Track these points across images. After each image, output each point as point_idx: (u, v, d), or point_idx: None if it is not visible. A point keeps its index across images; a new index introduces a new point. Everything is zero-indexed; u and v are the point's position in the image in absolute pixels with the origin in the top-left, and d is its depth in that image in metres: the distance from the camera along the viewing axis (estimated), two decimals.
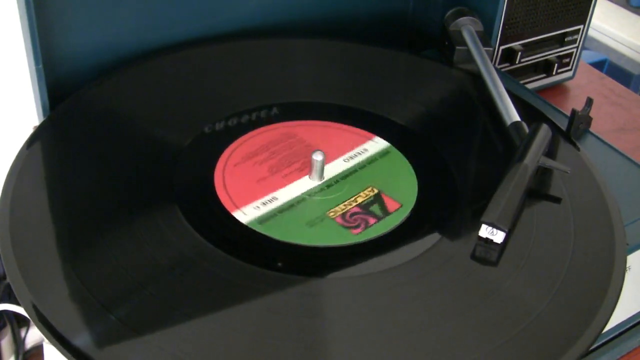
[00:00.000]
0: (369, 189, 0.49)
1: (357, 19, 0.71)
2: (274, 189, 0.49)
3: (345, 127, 0.55)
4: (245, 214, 0.46)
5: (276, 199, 0.48)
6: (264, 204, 0.47)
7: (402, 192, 0.49)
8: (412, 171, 0.51)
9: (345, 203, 0.48)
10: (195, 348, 0.37)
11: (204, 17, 0.62)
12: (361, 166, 0.51)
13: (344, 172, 0.51)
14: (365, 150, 0.53)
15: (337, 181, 0.50)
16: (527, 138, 0.51)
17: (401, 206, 0.48)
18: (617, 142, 0.59)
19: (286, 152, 0.52)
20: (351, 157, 0.52)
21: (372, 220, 0.46)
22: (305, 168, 0.50)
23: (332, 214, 0.47)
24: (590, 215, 0.48)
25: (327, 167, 0.50)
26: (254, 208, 0.47)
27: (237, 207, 0.46)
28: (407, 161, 0.52)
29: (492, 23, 0.67)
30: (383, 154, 0.52)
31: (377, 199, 0.48)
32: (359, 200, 0.48)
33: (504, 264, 0.44)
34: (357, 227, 0.46)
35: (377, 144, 0.53)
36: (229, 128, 0.54)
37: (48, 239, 0.43)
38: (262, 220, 0.46)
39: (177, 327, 0.38)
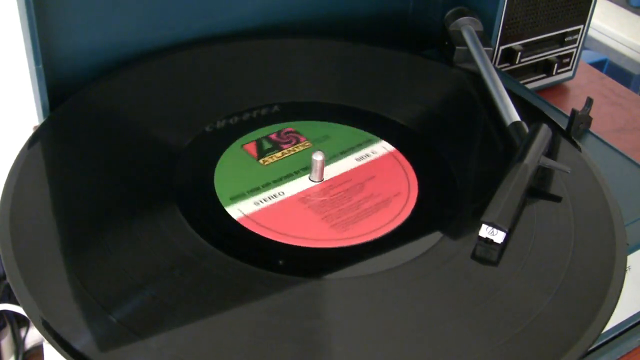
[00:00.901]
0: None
1: (357, 19, 0.71)
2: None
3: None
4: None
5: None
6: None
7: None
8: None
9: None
10: (196, 348, 0.37)
11: (204, 17, 0.62)
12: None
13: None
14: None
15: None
16: (527, 138, 0.51)
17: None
18: (617, 142, 0.59)
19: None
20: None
21: (302, 139, 0.49)
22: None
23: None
24: (591, 215, 0.48)
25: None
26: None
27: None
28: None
29: (492, 23, 0.67)
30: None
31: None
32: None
33: (504, 263, 0.44)
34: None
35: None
36: (229, 128, 0.54)
37: (48, 239, 0.43)
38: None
39: (177, 328, 0.38)
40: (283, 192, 0.48)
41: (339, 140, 0.54)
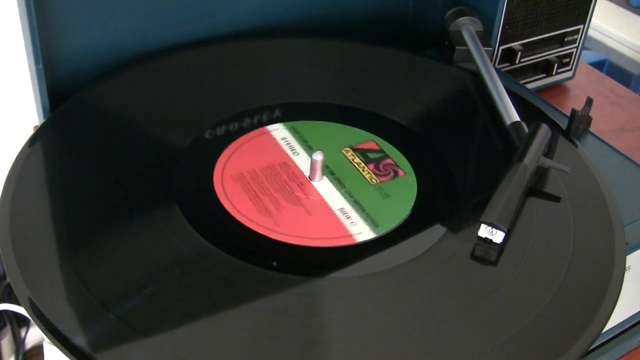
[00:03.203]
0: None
1: (357, 19, 0.71)
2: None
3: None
4: None
5: None
6: None
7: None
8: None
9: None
10: (195, 347, 0.37)
11: (203, 17, 0.62)
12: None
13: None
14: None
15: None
16: (527, 138, 0.51)
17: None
18: (617, 142, 0.59)
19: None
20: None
21: (401, 172, 0.48)
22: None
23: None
24: (590, 215, 0.48)
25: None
26: None
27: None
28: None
29: (492, 23, 0.67)
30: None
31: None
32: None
33: (504, 263, 0.44)
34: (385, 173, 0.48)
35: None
36: (229, 128, 0.54)
37: (48, 239, 0.43)
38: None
39: (178, 327, 0.38)
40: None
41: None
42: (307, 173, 0.50)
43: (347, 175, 0.50)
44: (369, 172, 0.50)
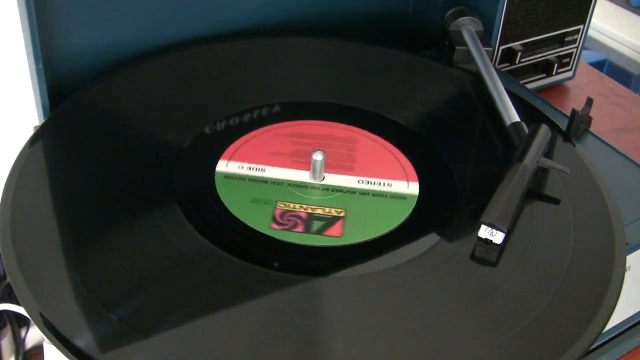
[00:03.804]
0: (338, 210, 0.47)
1: (357, 19, 0.71)
2: (271, 163, 0.50)
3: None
4: (226, 167, 0.48)
5: (263, 170, 0.49)
6: (249, 167, 0.49)
7: (363, 230, 0.46)
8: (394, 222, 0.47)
9: (304, 205, 0.47)
10: (196, 347, 0.37)
11: (204, 16, 0.62)
12: (364, 192, 0.49)
13: (346, 187, 0.49)
14: (389, 184, 0.50)
15: (330, 189, 0.49)
16: (527, 138, 0.51)
17: (339, 236, 0.45)
18: (617, 142, 0.59)
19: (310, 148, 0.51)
20: (369, 182, 0.50)
21: (298, 229, 0.45)
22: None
23: (280, 205, 0.47)
24: (590, 215, 0.48)
25: (341, 177, 0.50)
26: (238, 166, 0.48)
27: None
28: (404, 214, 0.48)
29: (492, 23, 0.67)
30: (397, 196, 0.49)
31: (331, 221, 0.46)
32: (316, 210, 0.47)
33: (504, 264, 0.44)
34: (284, 225, 0.45)
35: (403, 187, 0.50)
36: (230, 128, 0.54)
37: (49, 239, 0.43)
38: (229, 176, 0.48)
39: (178, 327, 0.38)
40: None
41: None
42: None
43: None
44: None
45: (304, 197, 0.48)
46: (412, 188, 0.50)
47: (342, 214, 0.46)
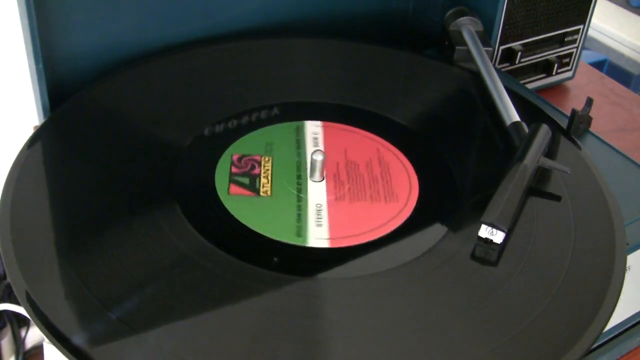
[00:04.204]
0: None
1: (357, 19, 0.71)
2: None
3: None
4: None
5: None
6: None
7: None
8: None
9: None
10: (195, 347, 0.37)
11: (204, 17, 0.62)
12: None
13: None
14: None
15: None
16: (527, 138, 0.51)
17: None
18: (617, 142, 0.59)
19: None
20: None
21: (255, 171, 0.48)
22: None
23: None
24: (590, 215, 0.48)
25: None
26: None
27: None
28: None
29: (492, 23, 0.67)
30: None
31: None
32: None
33: (504, 264, 0.44)
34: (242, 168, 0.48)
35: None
36: (229, 128, 0.54)
37: (48, 239, 0.43)
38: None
39: (177, 327, 0.38)
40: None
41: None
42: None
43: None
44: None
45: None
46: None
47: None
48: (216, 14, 0.63)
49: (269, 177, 0.49)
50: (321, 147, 0.53)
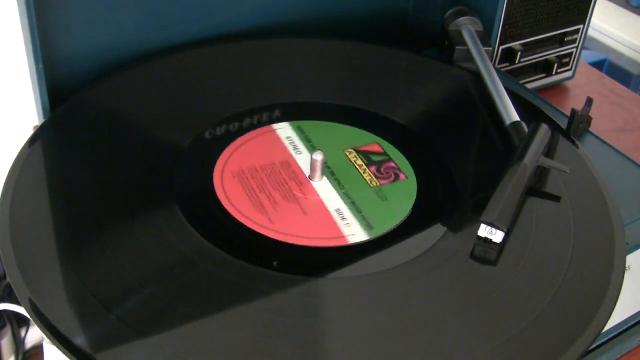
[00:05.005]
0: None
1: (357, 19, 0.71)
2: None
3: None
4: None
5: None
6: None
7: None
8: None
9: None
10: (196, 347, 0.37)
11: (203, 17, 0.62)
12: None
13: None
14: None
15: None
16: (527, 138, 0.51)
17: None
18: (617, 142, 0.59)
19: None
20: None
21: (402, 176, 0.48)
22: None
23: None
24: (590, 215, 0.48)
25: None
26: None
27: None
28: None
29: (492, 23, 0.67)
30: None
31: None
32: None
33: (504, 263, 0.44)
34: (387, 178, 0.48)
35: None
36: (229, 128, 0.54)
37: (48, 239, 0.43)
38: None
39: (178, 327, 0.38)
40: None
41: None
42: (307, 173, 0.50)
43: (348, 177, 0.50)
44: (370, 175, 0.50)
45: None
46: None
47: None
48: (216, 14, 0.63)
49: None
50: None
